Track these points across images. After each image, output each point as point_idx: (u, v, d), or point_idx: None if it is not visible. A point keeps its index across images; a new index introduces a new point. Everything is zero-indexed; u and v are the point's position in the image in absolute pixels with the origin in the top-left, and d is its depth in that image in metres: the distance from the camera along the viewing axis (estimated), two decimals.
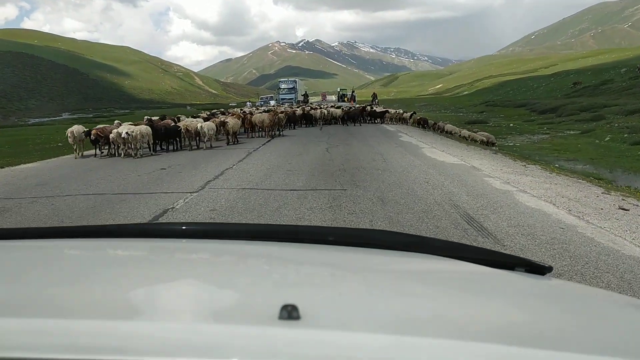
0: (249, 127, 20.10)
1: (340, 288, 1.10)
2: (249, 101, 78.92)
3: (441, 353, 0.69)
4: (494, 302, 1.08)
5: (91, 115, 56.91)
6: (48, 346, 0.68)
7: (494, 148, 15.84)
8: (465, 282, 1.24)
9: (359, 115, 28.32)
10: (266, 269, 1.28)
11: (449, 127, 21.61)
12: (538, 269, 1.34)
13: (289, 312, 0.75)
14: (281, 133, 20.70)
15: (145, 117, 21.94)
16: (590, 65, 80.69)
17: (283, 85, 69.16)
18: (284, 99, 63.39)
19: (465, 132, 19.47)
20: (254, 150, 14.80)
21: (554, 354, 0.72)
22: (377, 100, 51.47)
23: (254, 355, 0.66)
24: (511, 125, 25.92)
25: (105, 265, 1.25)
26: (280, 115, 20.27)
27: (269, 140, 18.36)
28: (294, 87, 68.36)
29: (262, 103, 63.30)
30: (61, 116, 62.43)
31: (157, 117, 20.70)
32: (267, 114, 20.30)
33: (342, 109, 30.16)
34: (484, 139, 17.32)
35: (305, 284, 1.15)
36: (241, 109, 34.24)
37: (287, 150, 14.71)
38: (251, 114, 21.78)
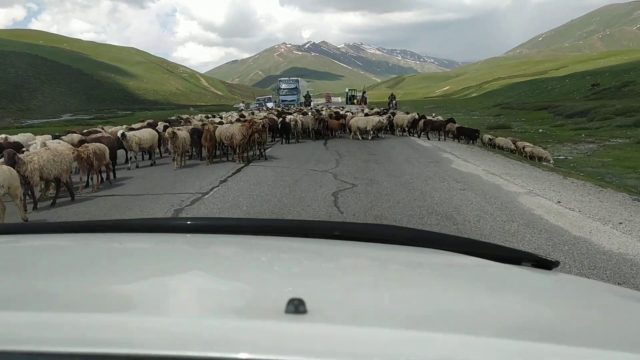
0: (209, 147, 13.20)
1: (347, 282, 1.11)
2: (243, 102, 63.43)
3: (450, 348, 0.69)
4: (501, 296, 1.09)
5: (90, 117, 55.20)
6: (56, 339, 0.68)
7: (545, 164, 13.22)
8: (473, 276, 1.25)
9: (444, 126, 19.62)
10: (273, 263, 1.30)
11: (500, 140, 17.20)
12: (545, 264, 1.36)
13: (296, 306, 0.75)
14: (262, 153, 13.87)
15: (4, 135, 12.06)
16: (604, 67, 78.19)
17: (284, 85, 59.86)
18: (285, 100, 55.27)
19: (527, 148, 15.24)
20: (188, 206, 7.93)
21: (563, 349, 0.72)
22: (394, 103, 43.80)
23: (260, 349, 0.66)
24: (540, 131, 23.65)
25: (112, 260, 1.26)
26: (257, 127, 13.31)
27: (238, 171, 11.16)
28: (296, 87, 59.32)
29: (257, 106, 53.00)
30: (61, 117, 60.88)
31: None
32: (237, 125, 13.44)
33: (383, 116, 21.36)
34: (546, 155, 14.37)
35: (311, 278, 1.15)
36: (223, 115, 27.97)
37: (258, 202, 8.09)
38: (219, 124, 15.03)
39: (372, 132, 18.89)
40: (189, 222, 1.65)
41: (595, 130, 22.79)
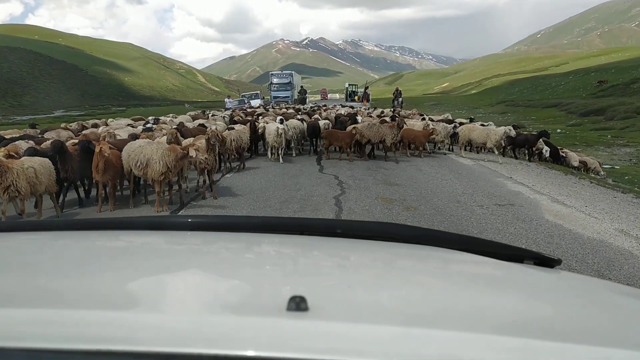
0: (106, 182, 7.76)
1: (349, 280, 1.12)
2: (229, 97, 47.58)
3: (450, 345, 0.70)
4: (503, 294, 1.09)
5: (82, 113, 53.57)
6: (58, 336, 0.69)
7: (593, 175, 11.22)
8: (474, 274, 1.25)
9: (532, 142, 13.63)
10: (274, 260, 1.30)
11: (572, 156, 12.82)
12: (547, 262, 1.37)
13: (297, 304, 0.76)
14: (212, 188, 8.74)
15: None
16: (609, 63, 76.74)
17: (275, 80, 52.13)
18: (278, 97, 48.93)
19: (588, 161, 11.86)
20: None
21: (565, 346, 0.72)
22: (401, 100, 37.94)
23: (262, 347, 0.66)
24: (559, 131, 21.95)
25: (114, 257, 1.28)
26: (193, 150, 7.63)
27: None
28: (289, 82, 52.06)
29: (238, 103, 42.32)
30: (53, 113, 59.30)
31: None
32: (160, 146, 8.01)
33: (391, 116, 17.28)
34: (595, 165, 11.97)
35: (313, 275, 1.16)
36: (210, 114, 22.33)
37: None
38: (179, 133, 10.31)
39: (496, 151, 12.98)
40: (190, 220, 1.59)
41: (620, 130, 21.21)
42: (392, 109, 26.58)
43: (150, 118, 18.52)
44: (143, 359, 0.65)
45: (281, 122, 12.88)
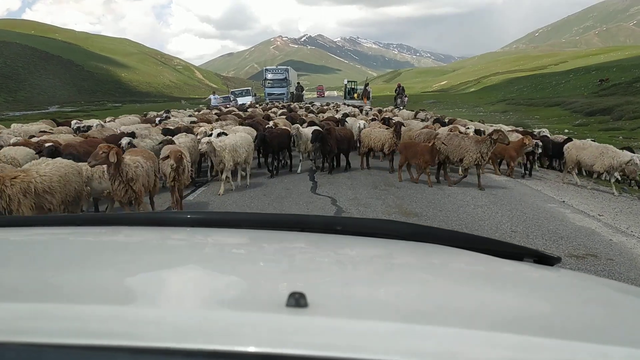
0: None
1: (348, 276, 1.12)
2: (214, 92, 40.38)
3: (449, 341, 0.70)
4: (502, 292, 1.09)
5: (77, 109, 52.79)
6: (59, 331, 0.69)
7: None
8: (473, 271, 1.25)
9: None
10: (274, 257, 1.31)
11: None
12: (546, 260, 1.39)
13: (297, 300, 0.76)
14: None
15: None
16: (610, 62, 76.19)
17: (270, 76, 48.49)
18: (272, 93, 46.29)
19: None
20: None
21: (563, 343, 0.72)
22: (405, 98, 34.42)
23: (261, 342, 0.66)
24: (567, 131, 21.29)
25: (114, 252, 1.28)
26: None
27: None
28: (285, 77, 48.48)
29: (223, 101, 36.82)
30: (47, 109, 58.54)
31: None
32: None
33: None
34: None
35: (312, 272, 1.16)
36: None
37: None
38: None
39: (612, 179, 10.02)
40: (189, 216, 1.63)
41: (631, 131, 20.51)
42: (392, 108, 24.71)
43: (73, 122, 14.37)
44: (142, 355, 0.64)
45: (218, 135, 9.76)
